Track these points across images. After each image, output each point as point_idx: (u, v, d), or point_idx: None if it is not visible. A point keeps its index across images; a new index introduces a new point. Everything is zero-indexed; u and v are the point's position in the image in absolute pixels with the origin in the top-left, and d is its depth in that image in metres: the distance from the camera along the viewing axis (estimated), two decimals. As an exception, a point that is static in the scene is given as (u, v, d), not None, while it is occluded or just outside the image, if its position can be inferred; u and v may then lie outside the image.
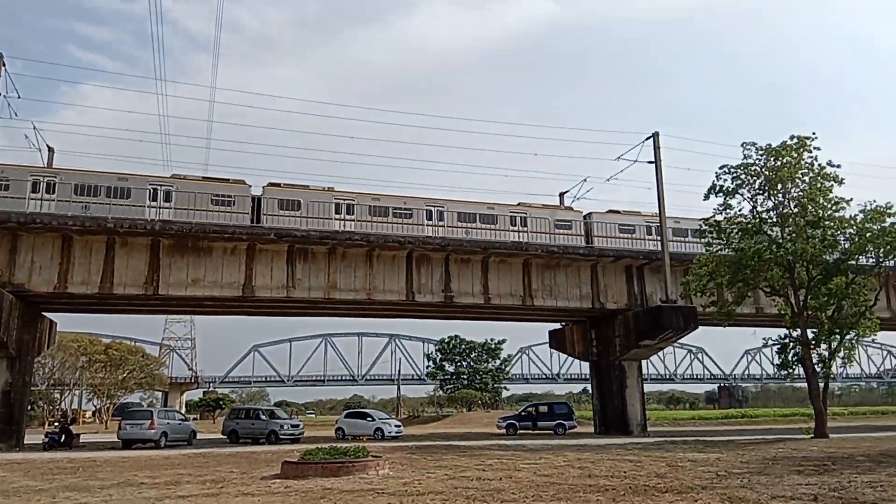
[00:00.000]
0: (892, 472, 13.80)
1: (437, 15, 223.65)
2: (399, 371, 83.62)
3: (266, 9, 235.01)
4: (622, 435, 32.38)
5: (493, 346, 77.84)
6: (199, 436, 32.71)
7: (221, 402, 76.69)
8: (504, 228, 33.88)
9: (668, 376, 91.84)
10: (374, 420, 34.35)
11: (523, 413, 40.60)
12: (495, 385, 79.67)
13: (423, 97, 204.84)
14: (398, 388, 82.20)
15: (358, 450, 14.46)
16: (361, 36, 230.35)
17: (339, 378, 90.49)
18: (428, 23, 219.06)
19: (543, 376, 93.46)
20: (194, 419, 53.62)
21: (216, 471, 15.58)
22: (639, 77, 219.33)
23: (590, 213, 36.56)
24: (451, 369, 78.26)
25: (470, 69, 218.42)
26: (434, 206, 33.43)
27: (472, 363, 77.84)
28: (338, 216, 31.75)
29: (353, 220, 31.82)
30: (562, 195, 41.40)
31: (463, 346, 77.74)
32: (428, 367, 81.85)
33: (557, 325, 42.45)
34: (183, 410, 66.76)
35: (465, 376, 76.41)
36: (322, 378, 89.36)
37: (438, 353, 79.78)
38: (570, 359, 72.68)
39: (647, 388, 73.58)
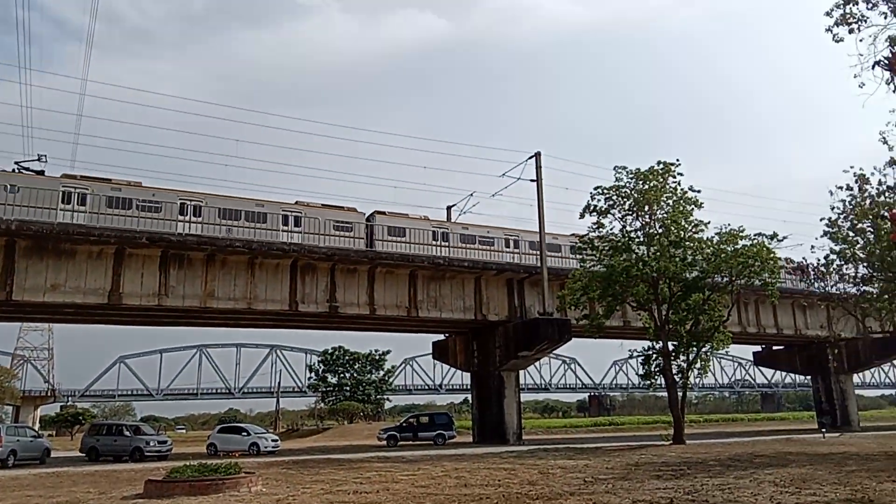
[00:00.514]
0: (740, 475, 15.16)
1: (330, 22, 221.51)
2: (279, 383, 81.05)
3: (147, 1, 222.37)
4: (499, 443, 33.27)
5: (377, 358, 77.42)
6: (54, 454, 30.03)
7: (81, 418, 70.78)
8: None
9: (543, 386, 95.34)
10: (249, 434, 33.07)
11: (404, 424, 40.66)
12: (378, 396, 79.21)
13: (312, 104, 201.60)
14: (277, 401, 79.55)
15: (230, 466, 13.89)
16: (248, 36, 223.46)
17: (214, 391, 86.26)
18: (320, 29, 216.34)
19: (426, 387, 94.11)
20: (49, 436, 49.14)
21: (71, 491, 14.41)
22: (525, 96, 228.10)
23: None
24: (334, 381, 76.96)
25: (362, 80, 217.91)
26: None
27: (355, 374, 76.92)
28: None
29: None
30: (449, 208, 42.18)
31: (347, 358, 76.68)
32: (310, 378, 79.98)
33: (441, 337, 43.03)
34: (36, 426, 61.00)
35: (348, 388, 75.40)
36: (195, 391, 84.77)
37: (321, 365, 78.20)
38: (453, 370, 73.75)
39: (524, 397, 75.88)
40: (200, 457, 25.66)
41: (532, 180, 36.22)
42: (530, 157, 36.39)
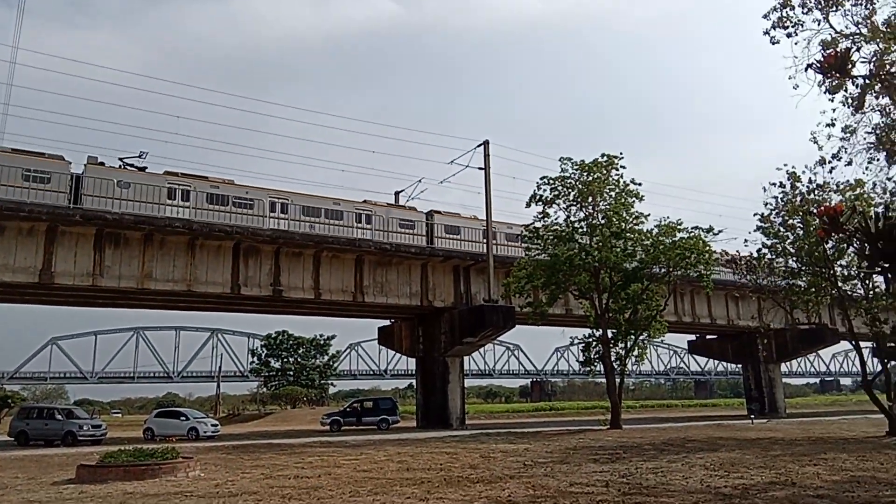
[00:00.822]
0: (672, 458, 15.76)
1: (280, 3, 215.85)
2: (220, 367, 79.39)
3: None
4: (443, 428, 33.62)
5: (322, 342, 76.79)
6: (-23, 439, 28.79)
7: (10, 401, 67.73)
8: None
9: (487, 372, 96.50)
10: (188, 419, 32.42)
11: (348, 409, 40.56)
12: (322, 381, 78.66)
13: (258, 83, 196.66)
14: (218, 386, 77.96)
15: (166, 451, 13.62)
16: (193, 8, 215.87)
17: (152, 375, 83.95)
18: (269, 5, 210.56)
19: (371, 372, 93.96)
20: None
21: (-4, 478, 13.86)
22: (475, 85, 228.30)
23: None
24: (278, 366, 75.98)
25: (311, 60, 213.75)
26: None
27: (299, 359, 76.11)
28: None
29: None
30: (397, 194, 42.05)
31: (291, 342, 75.73)
32: (252, 363, 78.72)
33: (387, 322, 43.01)
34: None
35: (292, 373, 74.56)
36: (132, 375, 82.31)
37: (264, 349, 77.03)
38: (398, 355, 73.83)
39: (468, 383, 76.57)
40: (137, 442, 24.98)
41: (480, 168, 36.44)
42: (479, 146, 36.57)
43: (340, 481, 12.04)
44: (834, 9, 15.74)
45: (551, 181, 30.82)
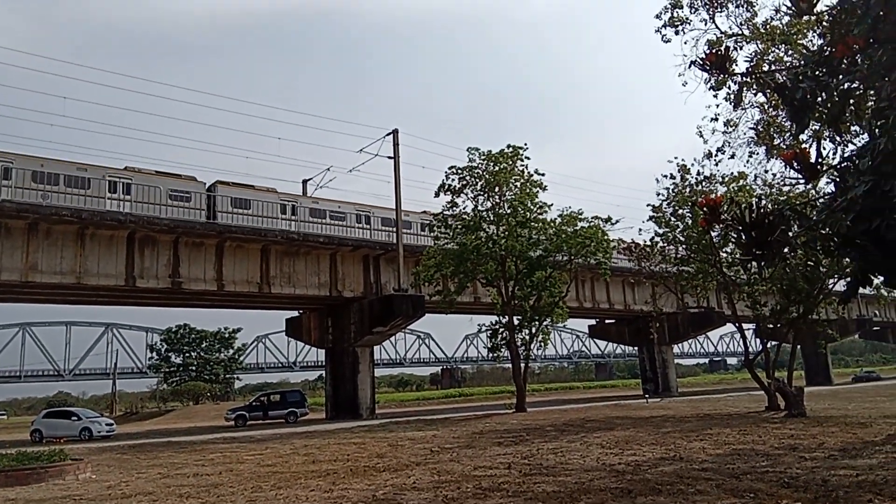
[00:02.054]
0: (572, 439, 16.48)
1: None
2: (116, 364, 75.16)
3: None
4: (352, 419, 33.49)
5: (226, 336, 74.39)
6: None
7: None
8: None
9: (398, 360, 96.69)
10: (80, 419, 30.66)
11: (254, 403, 39.60)
12: (227, 376, 76.29)
13: (153, 62, 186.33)
14: (113, 383, 73.84)
15: (54, 453, 12.88)
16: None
17: (41, 373, 78.33)
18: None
19: (280, 365, 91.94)
20: None
21: None
22: (383, 72, 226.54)
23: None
24: (179, 361, 72.97)
25: (210, 40, 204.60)
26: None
27: (202, 353, 73.42)
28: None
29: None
30: (305, 182, 41.27)
31: (193, 336, 72.92)
32: (151, 359, 75.14)
33: (295, 313, 42.24)
34: None
35: (195, 368, 71.83)
36: (18, 374, 76.50)
37: (164, 344, 73.72)
38: (308, 347, 72.61)
39: (379, 372, 76.44)
40: (23, 445, 23.41)
41: (389, 157, 36.34)
42: (388, 134, 36.43)
43: (242, 477, 11.80)
44: (719, 10, 16.82)
45: (459, 171, 31.22)
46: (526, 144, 31.20)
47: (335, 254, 35.70)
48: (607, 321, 57.15)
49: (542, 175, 31.56)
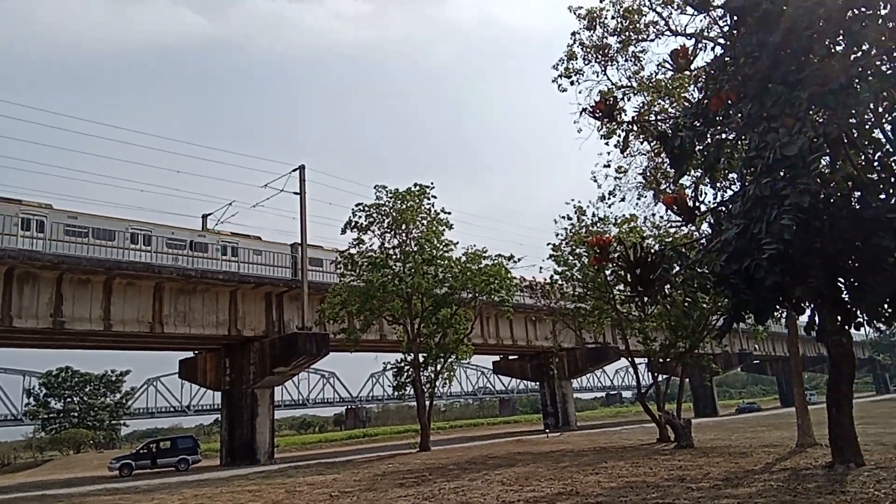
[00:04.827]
0: (474, 476, 16.47)
1: (68, 1, 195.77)
2: (-15, 411, 68.35)
3: None
4: (249, 465, 31.98)
5: (113, 379, 69.54)
6: None
7: None
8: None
9: (300, 402, 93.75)
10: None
11: (142, 450, 36.97)
12: (113, 422, 71.10)
13: (42, 91, 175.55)
14: (-19, 432, 67.15)
15: None
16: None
17: None
18: (55, 7, 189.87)
19: (172, 409, 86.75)
20: None
21: None
22: (288, 107, 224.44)
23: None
24: (60, 406, 67.33)
25: (107, 71, 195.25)
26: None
27: (85, 398, 68.15)
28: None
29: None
30: (205, 217, 39.82)
31: (76, 379, 67.63)
32: (28, 404, 68.86)
33: (190, 354, 40.20)
34: None
35: (77, 414, 66.47)
36: None
37: (43, 388, 67.88)
38: (203, 389, 69.06)
39: (280, 414, 73.65)
40: None
41: (295, 193, 35.82)
42: (294, 170, 35.98)
43: (125, 532, 10.97)
44: (610, 63, 18.01)
45: (367, 208, 31.21)
46: (432, 183, 31.73)
47: (235, 291, 34.47)
48: (511, 357, 58.13)
49: (449, 213, 32.12)
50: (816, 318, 7.05)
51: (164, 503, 15.30)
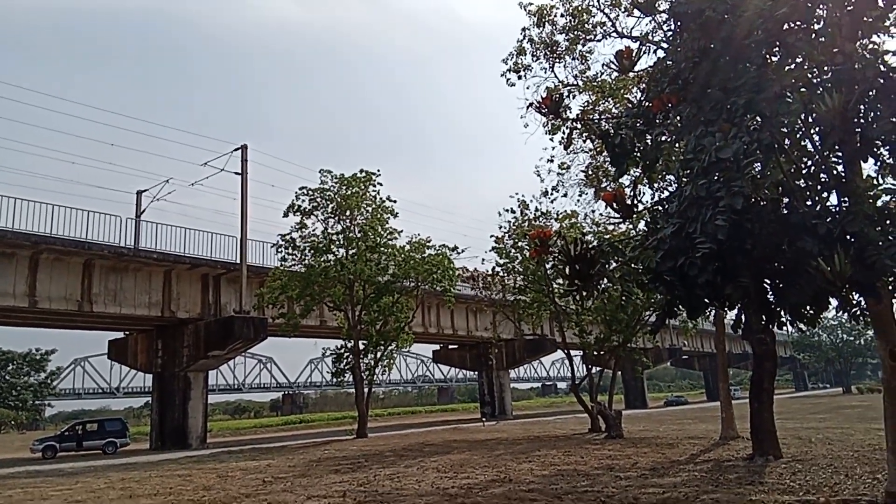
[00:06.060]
0: (409, 463, 16.58)
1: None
2: None
3: None
4: (180, 449, 31.21)
5: (37, 357, 66.61)
6: None
7: None
8: None
9: (236, 386, 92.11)
10: None
11: (67, 432, 35.59)
12: (37, 402, 68.18)
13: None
14: None
15: None
16: None
17: None
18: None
19: (100, 390, 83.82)
20: None
21: None
22: (235, 86, 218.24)
23: None
24: (-23, 386, 64.06)
25: (25, 35, 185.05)
26: None
27: (7, 377, 65.11)
28: None
29: None
30: (139, 193, 38.34)
31: (-3, 358, 64.50)
32: (-58, 384, 65.27)
33: (121, 335, 38.83)
34: None
35: (-3, 393, 63.45)
36: None
37: (-39, 367, 64.44)
38: (133, 371, 66.91)
39: (214, 398, 72.17)
40: None
41: (237, 173, 34.88)
42: (236, 149, 34.95)
43: (45, 516, 10.57)
44: (558, 60, 18.25)
45: (310, 192, 30.75)
46: (378, 170, 31.55)
47: (170, 271, 33.42)
48: (451, 346, 58.51)
49: (394, 202, 31.98)
50: (743, 317, 7.37)
51: (89, 487, 14.78)
